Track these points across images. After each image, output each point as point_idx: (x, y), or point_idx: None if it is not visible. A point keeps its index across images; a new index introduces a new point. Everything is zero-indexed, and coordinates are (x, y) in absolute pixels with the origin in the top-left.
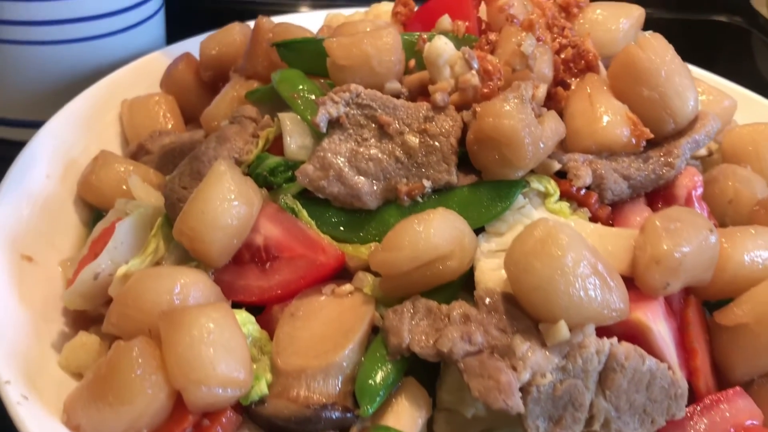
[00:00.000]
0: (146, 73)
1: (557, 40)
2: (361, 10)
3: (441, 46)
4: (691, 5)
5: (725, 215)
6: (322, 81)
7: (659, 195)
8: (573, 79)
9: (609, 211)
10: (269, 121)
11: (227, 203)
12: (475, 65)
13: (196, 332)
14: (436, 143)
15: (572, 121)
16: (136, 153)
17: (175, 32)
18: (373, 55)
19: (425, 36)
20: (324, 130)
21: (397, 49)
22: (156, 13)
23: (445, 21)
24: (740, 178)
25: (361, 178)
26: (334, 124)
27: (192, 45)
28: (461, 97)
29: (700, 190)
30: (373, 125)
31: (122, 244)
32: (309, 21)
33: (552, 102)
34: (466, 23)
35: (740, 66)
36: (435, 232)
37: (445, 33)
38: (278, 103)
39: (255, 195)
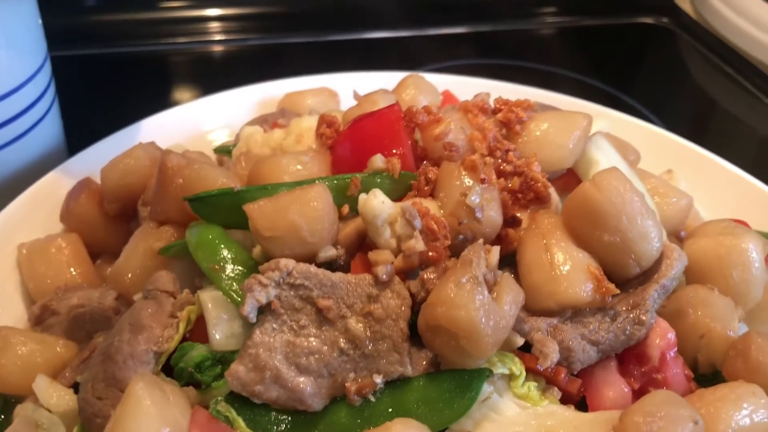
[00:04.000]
0: (43, 201)
1: (501, 166)
2: (267, 123)
3: (377, 207)
4: (616, 9)
5: (697, 351)
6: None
7: (631, 354)
8: (523, 210)
9: (579, 383)
10: (190, 297)
11: None
12: (418, 225)
13: None
14: (384, 329)
15: (529, 275)
16: (41, 315)
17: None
18: (302, 226)
19: (358, 179)
20: (254, 320)
21: (329, 213)
22: (49, 110)
23: (378, 160)
24: (711, 313)
25: (303, 377)
26: (266, 308)
27: (92, 158)
28: (406, 262)
29: (674, 351)
30: (310, 307)
31: None
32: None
33: (502, 244)
34: (400, 152)
35: (670, 68)
36: None
37: (379, 172)
38: None
39: (182, 413)
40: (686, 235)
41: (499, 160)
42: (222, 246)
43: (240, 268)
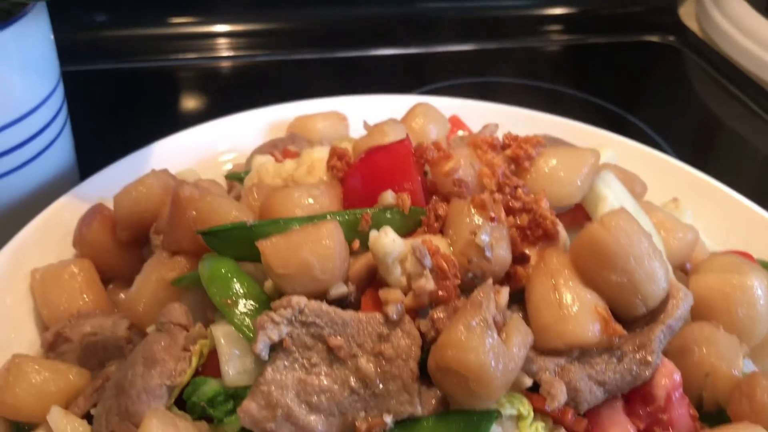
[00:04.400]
0: (55, 226)
1: (510, 203)
2: (278, 149)
3: (388, 245)
4: (622, 27)
5: (702, 388)
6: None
7: (637, 394)
8: (531, 246)
9: (586, 424)
10: (203, 331)
11: None
12: (428, 263)
13: None
14: (394, 369)
15: (538, 316)
16: (54, 342)
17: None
18: (313, 264)
19: (368, 214)
20: (266, 357)
21: (340, 251)
22: (61, 131)
23: (388, 196)
24: (716, 351)
25: (314, 416)
26: (278, 345)
27: (105, 182)
28: (416, 301)
29: (679, 392)
30: (322, 345)
31: None
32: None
33: (511, 282)
34: (410, 187)
35: (675, 87)
36: None
37: (389, 207)
38: None
39: None
40: (691, 269)
41: (508, 197)
42: (234, 280)
43: (252, 302)
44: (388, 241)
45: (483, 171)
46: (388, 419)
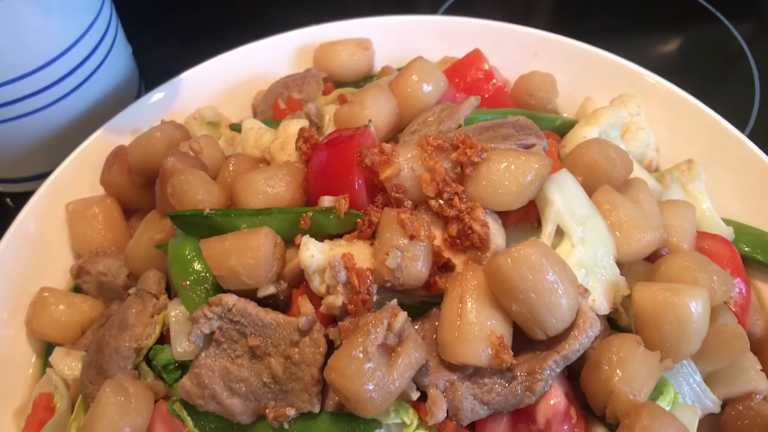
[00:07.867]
0: (91, 159)
1: (445, 211)
2: (288, 90)
3: (306, 260)
4: None
5: (607, 403)
6: None
7: (522, 414)
8: (460, 254)
9: None
10: (166, 302)
11: None
12: (342, 278)
13: None
14: (299, 372)
15: (441, 331)
16: (78, 273)
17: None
18: (240, 271)
19: (308, 215)
20: (200, 345)
21: (267, 260)
22: (113, 43)
23: (326, 201)
24: (624, 376)
25: (234, 399)
26: (211, 336)
27: (136, 115)
28: (328, 311)
29: (560, 418)
30: (245, 341)
31: None
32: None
33: (431, 290)
34: (351, 185)
35: None
36: None
37: (328, 210)
38: None
39: (140, 415)
40: (654, 267)
41: (442, 204)
42: (193, 263)
43: (204, 287)
44: (307, 255)
45: (423, 177)
46: (291, 412)
